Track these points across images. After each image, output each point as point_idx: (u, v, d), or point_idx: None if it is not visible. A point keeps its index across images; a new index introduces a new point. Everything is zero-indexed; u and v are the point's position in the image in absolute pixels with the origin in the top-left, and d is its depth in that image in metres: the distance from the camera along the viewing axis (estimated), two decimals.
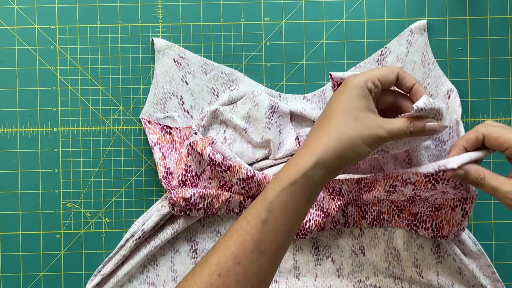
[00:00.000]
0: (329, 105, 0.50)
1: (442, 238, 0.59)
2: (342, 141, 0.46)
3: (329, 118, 0.48)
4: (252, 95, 0.61)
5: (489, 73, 0.64)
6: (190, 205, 0.59)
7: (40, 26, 0.64)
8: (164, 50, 0.63)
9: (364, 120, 0.47)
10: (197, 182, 0.61)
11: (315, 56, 0.65)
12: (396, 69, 0.51)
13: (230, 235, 0.46)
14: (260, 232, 0.44)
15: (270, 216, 0.45)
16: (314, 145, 0.47)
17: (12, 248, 0.64)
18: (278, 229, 0.45)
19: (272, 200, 0.45)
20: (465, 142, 0.51)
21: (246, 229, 0.45)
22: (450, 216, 0.58)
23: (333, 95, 0.51)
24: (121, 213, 0.65)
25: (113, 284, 0.61)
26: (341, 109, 0.48)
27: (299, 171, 0.46)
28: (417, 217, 0.60)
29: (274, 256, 0.46)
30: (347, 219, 0.62)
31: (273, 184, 0.46)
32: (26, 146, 0.64)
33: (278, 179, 0.46)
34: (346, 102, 0.48)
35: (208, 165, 0.61)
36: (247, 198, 0.62)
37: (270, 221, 0.45)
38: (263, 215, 0.45)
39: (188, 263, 0.63)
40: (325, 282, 0.63)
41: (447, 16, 0.64)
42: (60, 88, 0.65)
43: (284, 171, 0.47)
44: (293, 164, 0.47)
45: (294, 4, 0.65)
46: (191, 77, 0.63)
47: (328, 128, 0.48)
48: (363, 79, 0.49)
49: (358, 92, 0.48)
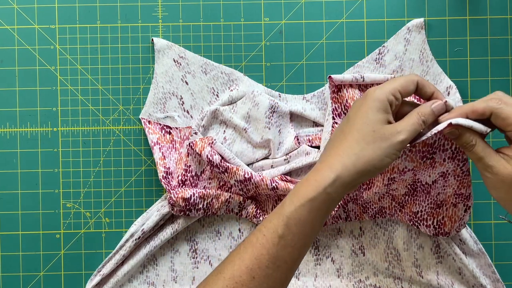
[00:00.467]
0: (347, 118, 0.49)
1: (444, 235, 0.59)
2: (361, 157, 0.46)
3: (347, 132, 0.48)
4: (252, 95, 0.61)
5: (489, 73, 0.64)
6: (189, 205, 0.59)
7: (40, 26, 0.64)
8: (164, 50, 0.63)
9: (383, 132, 0.47)
10: (197, 182, 0.61)
11: (315, 56, 0.65)
12: (415, 77, 0.50)
13: (245, 248, 0.46)
14: (277, 247, 0.44)
15: (287, 231, 0.45)
16: (332, 160, 0.46)
17: (12, 248, 0.64)
18: (295, 244, 0.45)
19: (290, 215, 0.45)
20: (471, 112, 0.48)
21: (262, 243, 0.45)
22: (452, 213, 0.58)
23: (351, 107, 0.50)
24: (121, 213, 0.65)
25: (113, 284, 0.61)
26: (359, 123, 0.47)
27: (318, 187, 0.45)
28: (417, 215, 0.60)
29: (289, 270, 0.46)
30: (348, 214, 0.62)
31: (290, 199, 0.46)
32: (26, 146, 0.64)
33: (296, 194, 0.46)
34: (365, 116, 0.47)
35: (207, 165, 0.61)
36: (247, 199, 0.62)
37: (287, 236, 0.45)
38: (280, 230, 0.45)
39: (188, 263, 0.63)
40: (325, 282, 0.63)
41: (447, 16, 0.64)
42: (60, 88, 0.65)
43: (303, 186, 0.46)
44: (312, 180, 0.46)
45: (294, 4, 0.65)
46: (191, 77, 0.63)
47: (346, 143, 0.47)
48: (384, 92, 0.48)
49: (377, 105, 0.47)
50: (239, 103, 0.62)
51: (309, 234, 0.46)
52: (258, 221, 0.62)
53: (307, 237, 0.46)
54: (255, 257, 0.45)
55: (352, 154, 0.46)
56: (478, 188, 0.64)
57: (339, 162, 0.46)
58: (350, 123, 0.48)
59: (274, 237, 0.45)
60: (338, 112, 0.62)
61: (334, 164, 0.46)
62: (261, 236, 0.45)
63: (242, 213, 0.62)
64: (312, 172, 0.47)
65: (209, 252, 0.63)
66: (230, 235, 0.64)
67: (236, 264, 0.45)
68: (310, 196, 0.45)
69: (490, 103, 0.47)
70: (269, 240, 0.45)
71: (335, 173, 0.46)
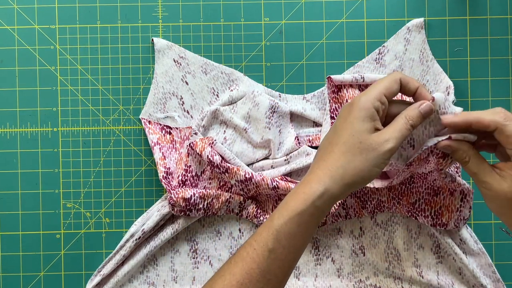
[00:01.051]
0: (334, 128, 0.49)
1: (442, 226, 0.59)
2: (348, 170, 0.46)
3: (335, 143, 0.47)
4: (252, 95, 0.61)
5: (489, 73, 0.64)
6: (190, 205, 0.59)
7: (40, 26, 0.64)
8: (164, 50, 0.63)
9: (369, 142, 0.46)
10: (197, 182, 0.61)
11: (315, 56, 0.65)
12: (397, 75, 0.49)
13: (235, 262, 0.46)
14: (267, 261, 0.45)
15: (277, 245, 0.45)
16: (320, 173, 0.46)
17: (12, 248, 0.64)
18: (285, 258, 0.45)
19: (279, 229, 0.45)
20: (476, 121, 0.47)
21: (253, 257, 0.45)
22: (449, 201, 0.59)
23: (338, 116, 0.49)
24: (121, 213, 0.65)
25: (113, 284, 0.61)
26: (346, 134, 0.47)
27: (307, 200, 0.45)
28: (415, 206, 0.60)
29: (280, 283, 0.46)
30: (348, 211, 0.62)
31: (280, 212, 0.46)
32: (26, 146, 0.64)
33: (286, 207, 0.46)
34: (351, 126, 0.47)
35: (208, 165, 0.61)
36: (247, 199, 0.62)
37: (277, 250, 0.45)
38: (270, 244, 0.45)
39: (188, 263, 0.63)
40: (325, 282, 0.63)
41: (447, 16, 0.64)
42: (60, 88, 0.65)
43: (292, 199, 0.46)
44: (300, 193, 0.46)
45: (294, 4, 0.65)
46: (191, 77, 0.63)
47: (334, 155, 0.47)
48: (369, 100, 0.47)
49: (363, 114, 0.46)
50: (239, 103, 0.62)
51: (299, 247, 0.46)
52: (259, 221, 0.62)
53: (297, 250, 0.46)
54: (246, 271, 0.45)
55: (340, 167, 0.46)
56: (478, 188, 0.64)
57: (327, 175, 0.46)
58: (338, 134, 0.48)
59: (264, 250, 0.45)
60: (338, 112, 0.62)
61: (322, 177, 0.46)
62: (251, 250, 0.45)
63: (242, 213, 0.62)
64: (301, 184, 0.47)
65: (209, 252, 0.63)
66: (230, 235, 0.64)
67: (226, 279, 0.45)
68: (299, 209, 0.45)
69: (496, 118, 0.47)
70: (259, 254, 0.45)
71: (323, 186, 0.46)
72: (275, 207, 0.62)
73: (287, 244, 0.45)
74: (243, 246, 0.47)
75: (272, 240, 0.45)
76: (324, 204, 0.46)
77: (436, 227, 0.60)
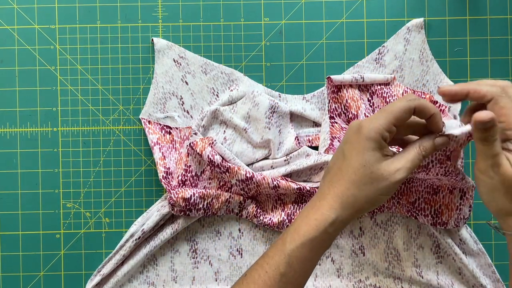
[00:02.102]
0: (342, 154, 0.48)
1: (442, 225, 0.59)
2: (359, 198, 0.47)
3: (345, 171, 0.47)
4: (252, 95, 0.61)
5: (489, 73, 0.64)
6: (190, 205, 0.59)
7: (40, 26, 0.64)
8: (164, 50, 0.63)
9: (380, 173, 0.46)
10: (197, 182, 0.61)
11: (315, 56, 0.65)
12: (412, 103, 0.47)
13: (247, 284, 0.47)
14: (279, 283, 0.46)
15: (289, 269, 0.46)
16: (331, 201, 0.47)
17: (12, 248, 0.64)
18: (295, 281, 0.46)
19: (291, 253, 0.46)
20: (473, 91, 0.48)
21: (264, 280, 0.46)
22: (449, 200, 0.59)
23: (345, 139, 0.49)
24: (121, 213, 0.65)
25: (113, 284, 0.61)
26: (356, 164, 0.47)
27: (319, 227, 0.47)
28: (415, 205, 0.60)
29: None
30: None
31: (292, 236, 0.47)
32: (26, 146, 0.64)
33: (298, 232, 0.47)
34: (361, 156, 0.47)
35: (208, 165, 0.61)
36: (247, 199, 0.62)
37: (289, 274, 0.46)
38: (282, 268, 0.46)
39: (188, 263, 0.63)
40: (325, 282, 0.63)
41: (446, 16, 0.64)
42: (60, 88, 0.65)
43: (304, 224, 0.47)
44: (312, 219, 0.47)
45: (294, 4, 0.65)
46: (191, 77, 0.63)
47: (344, 184, 0.47)
48: (377, 130, 0.46)
49: (372, 145, 0.46)
50: (239, 103, 0.62)
51: (309, 270, 0.48)
52: (259, 221, 0.62)
53: (307, 273, 0.47)
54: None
55: (351, 196, 0.47)
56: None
57: (338, 202, 0.47)
58: (347, 161, 0.48)
59: (276, 274, 0.46)
60: (338, 112, 0.62)
61: (333, 204, 0.47)
62: (263, 273, 0.46)
63: (242, 213, 0.62)
64: (312, 210, 0.48)
65: (209, 252, 0.63)
66: (230, 235, 0.64)
67: None
68: (311, 235, 0.46)
69: (493, 89, 0.47)
70: (271, 278, 0.46)
71: (335, 214, 0.47)
72: (275, 207, 0.62)
73: (299, 268, 0.46)
74: (254, 268, 0.47)
75: (284, 264, 0.46)
76: (335, 231, 0.47)
77: (436, 226, 0.60)
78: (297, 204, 0.62)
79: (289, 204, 0.62)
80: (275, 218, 0.61)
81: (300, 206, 0.62)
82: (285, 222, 0.61)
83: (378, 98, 0.62)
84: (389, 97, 0.61)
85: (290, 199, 0.62)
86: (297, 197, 0.62)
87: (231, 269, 0.63)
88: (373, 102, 0.62)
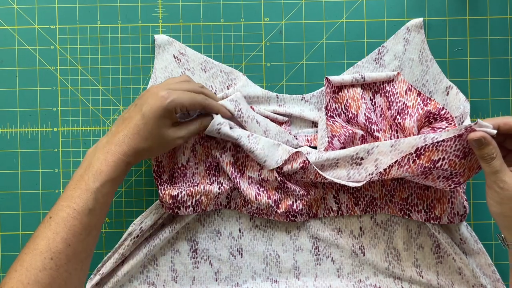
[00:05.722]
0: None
1: (435, 220, 0.59)
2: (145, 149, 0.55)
3: None
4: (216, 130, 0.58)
5: (489, 73, 0.64)
6: (177, 203, 0.59)
7: (40, 26, 0.64)
8: (165, 45, 0.63)
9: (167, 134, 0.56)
10: (185, 171, 0.61)
11: (315, 56, 0.65)
12: None
13: (57, 223, 0.51)
14: (88, 216, 0.52)
15: (97, 204, 0.52)
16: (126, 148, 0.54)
17: (12, 248, 0.64)
18: (101, 212, 0.54)
19: (97, 191, 0.52)
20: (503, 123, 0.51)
21: (74, 216, 0.51)
22: (440, 194, 0.59)
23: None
24: (121, 213, 0.65)
25: (113, 284, 0.61)
26: None
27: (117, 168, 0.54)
28: (408, 201, 0.60)
29: (98, 233, 0.54)
30: (340, 206, 0.62)
31: (95, 177, 0.53)
32: (26, 146, 0.64)
33: (100, 173, 0.53)
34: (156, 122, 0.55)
35: (192, 152, 0.61)
36: (234, 189, 0.61)
37: (97, 208, 0.53)
38: (90, 204, 0.52)
39: (188, 263, 0.63)
40: (325, 282, 0.63)
41: (446, 16, 0.64)
42: (60, 88, 0.65)
43: (104, 166, 0.53)
44: (110, 161, 0.53)
45: (294, 4, 0.65)
46: (190, 74, 0.63)
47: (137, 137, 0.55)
48: None
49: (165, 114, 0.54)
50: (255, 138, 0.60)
51: (109, 203, 0.55)
52: (247, 210, 0.62)
53: (109, 205, 0.55)
54: (69, 228, 0.51)
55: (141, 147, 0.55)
56: (478, 188, 0.64)
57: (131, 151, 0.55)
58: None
59: (85, 209, 0.52)
60: (338, 112, 0.62)
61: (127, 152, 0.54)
62: (71, 211, 0.51)
63: (230, 205, 0.62)
64: (108, 154, 0.54)
65: (209, 252, 0.63)
66: (230, 235, 0.64)
67: (50, 238, 0.51)
68: (113, 175, 0.53)
69: None
70: (80, 213, 0.52)
71: (128, 159, 0.54)
72: (258, 194, 0.61)
73: (104, 201, 0.53)
74: (60, 210, 0.52)
75: (92, 200, 0.52)
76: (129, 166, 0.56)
77: (430, 222, 0.60)
78: (280, 190, 0.61)
79: (273, 191, 0.61)
80: (262, 205, 0.61)
81: (283, 191, 0.61)
82: (272, 208, 0.61)
83: (380, 97, 0.62)
84: (392, 95, 0.61)
85: (272, 186, 0.61)
86: (279, 185, 0.61)
87: (231, 269, 0.63)
88: (375, 102, 0.62)
